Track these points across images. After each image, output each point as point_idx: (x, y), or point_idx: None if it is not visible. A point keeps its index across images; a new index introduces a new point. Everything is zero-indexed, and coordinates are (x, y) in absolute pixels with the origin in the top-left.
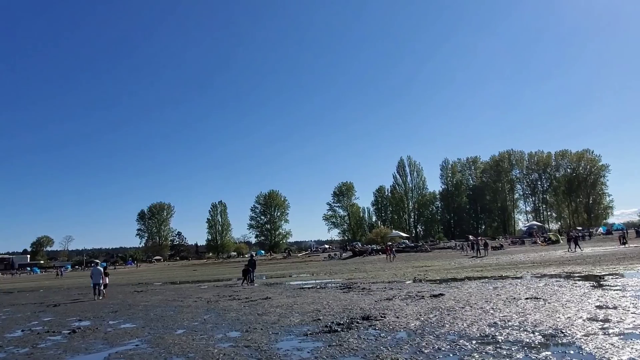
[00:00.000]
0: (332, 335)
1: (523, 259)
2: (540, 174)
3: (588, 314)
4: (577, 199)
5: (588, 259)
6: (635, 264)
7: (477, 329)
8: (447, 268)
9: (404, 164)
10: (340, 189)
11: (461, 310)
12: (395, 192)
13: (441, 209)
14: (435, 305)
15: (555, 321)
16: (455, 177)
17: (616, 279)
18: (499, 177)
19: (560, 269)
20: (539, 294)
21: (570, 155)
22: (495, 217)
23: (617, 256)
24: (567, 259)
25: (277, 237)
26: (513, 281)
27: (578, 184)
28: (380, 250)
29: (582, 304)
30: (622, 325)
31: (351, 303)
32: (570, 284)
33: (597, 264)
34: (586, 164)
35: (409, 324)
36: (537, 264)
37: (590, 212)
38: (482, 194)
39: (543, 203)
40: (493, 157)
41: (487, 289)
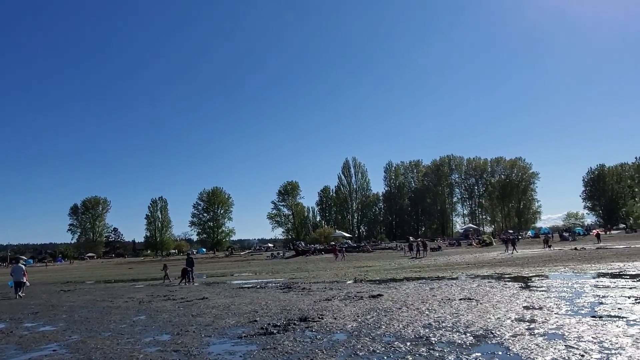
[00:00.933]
0: (268, 337)
1: (459, 260)
2: (477, 179)
3: (516, 315)
4: (510, 203)
5: (517, 261)
6: (558, 266)
7: (412, 330)
8: (387, 269)
9: (349, 165)
10: (286, 188)
11: (398, 311)
12: (340, 193)
13: (384, 210)
14: (374, 306)
15: (486, 322)
16: (398, 179)
17: (542, 280)
18: (440, 181)
19: (492, 270)
20: (472, 295)
21: (504, 162)
22: (434, 219)
23: (543, 258)
24: (499, 260)
25: (220, 235)
26: (449, 282)
27: (511, 190)
28: (324, 249)
29: (511, 304)
30: (547, 326)
31: (290, 303)
32: (501, 285)
33: (525, 266)
34: (518, 171)
35: (346, 325)
36: (471, 265)
37: (521, 216)
38: (423, 197)
39: (479, 207)
40: (434, 161)
41: (424, 290)
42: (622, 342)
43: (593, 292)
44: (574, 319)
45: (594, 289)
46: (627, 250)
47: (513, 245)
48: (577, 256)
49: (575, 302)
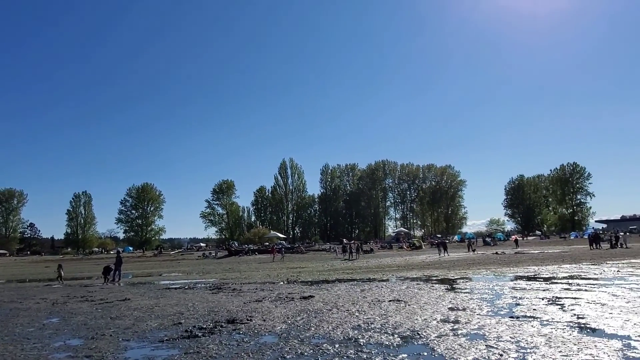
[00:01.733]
0: (192, 341)
1: (390, 262)
2: (410, 185)
3: (442, 316)
4: (439, 209)
5: (444, 264)
6: (481, 269)
7: (342, 332)
8: (320, 270)
9: (286, 166)
10: (221, 186)
11: (328, 313)
12: (276, 193)
13: (319, 212)
14: (304, 307)
15: (413, 323)
16: (334, 182)
17: (466, 283)
18: (374, 185)
19: (421, 272)
20: (401, 297)
21: (435, 169)
22: (368, 222)
23: (468, 262)
24: (428, 263)
25: (149, 233)
26: (379, 284)
27: (440, 196)
28: (257, 250)
29: (437, 306)
30: (469, 326)
31: (218, 305)
32: (429, 286)
33: (451, 269)
34: (448, 178)
35: (275, 327)
36: (401, 267)
37: (449, 221)
38: (357, 200)
39: (410, 211)
40: (369, 165)
41: (355, 292)
42: (537, 342)
43: (511, 293)
44: (494, 319)
45: (512, 290)
46: (541, 255)
47: (445, 248)
48: (498, 260)
49: (496, 303)
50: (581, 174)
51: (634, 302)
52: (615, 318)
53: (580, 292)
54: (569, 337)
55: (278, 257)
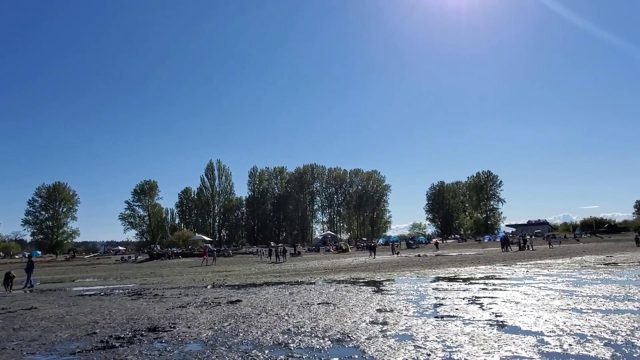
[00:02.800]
0: (108, 352)
1: (317, 265)
2: (337, 189)
3: (370, 318)
4: (365, 212)
5: (370, 266)
6: (405, 271)
7: (271, 336)
8: (247, 273)
9: (213, 168)
10: (143, 187)
11: (257, 317)
12: (202, 195)
13: (247, 214)
14: (232, 312)
15: (343, 325)
16: (262, 185)
17: (392, 285)
18: (302, 189)
19: (348, 275)
20: (330, 299)
21: (362, 174)
22: (296, 225)
23: (392, 264)
24: (354, 265)
25: (60, 236)
26: (308, 287)
27: (366, 200)
28: (181, 253)
29: (366, 307)
30: (397, 327)
31: (138, 312)
32: (356, 289)
33: (377, 271)
34: (374, 183)
35: (201, 334)
36: (329, 270)
37: (374, 225)
38: (285, 203)
39: (337, 215)
40: (298, 169)
41: (284, 295)
42: (461, 340)
43: (435, 294)
44: (421, 320)
45: (435, 291)
46: (460, 257)
47: (373, 251)
48: (421, 262)
49: (421, 304)
50: (494, 181)
51: (543, 299)
52: (528, 315)
53: (496, 291)
54: (489, 335)
55: (209, 260)
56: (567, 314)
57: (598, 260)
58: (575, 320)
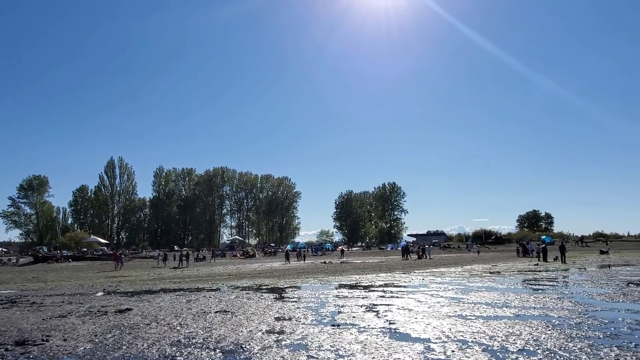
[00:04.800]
0: None
1: (222, 270)
2: (247, 193)
3: (267, 327)
4: (274, 218)
5: (276, 272)
6: (309, 278)
7: (158, 349)
8: (144, 279)
9: (114, 165)
10: (30, 182)
11: (146, 328)
12: (100, 194)
13: (150, 216)
14: (118, 322)
15: (238, 335)
16: (169, 186)
17: (294, 292)
18: (211, 192)
19: (252, 281)
20: (228, 307)
21: (273, 180)
22: (202, 229)
23: (298, 270)
24: (260, 272)
25: None
26: (208, 294)
27: (276, 206)
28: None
29: (264, 316)
30: (293, 337)
31: (8, 323)
32: (258, 296)
33: (282, 277)
34: (284, 189)
35: (78, 347)
36: (233, 276)
37: (283, 230)
38: (193, 206)
39: (246, 220)
40: (207, 171)
41: (180, 302)
42: (354, 349)
43: (335, 301)
44: (317, 328)
45: (335, 299)
46: (363, 264)
47: (287, 258)
48: (325, 269)
49: (320, 312)
50: (398, 192)
51: (433, 307)
52: (419, 322)
53: (392, 299)
54: (381, 343)
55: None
56: (454, 321)
57: (485, 269)
58: (460, 327)
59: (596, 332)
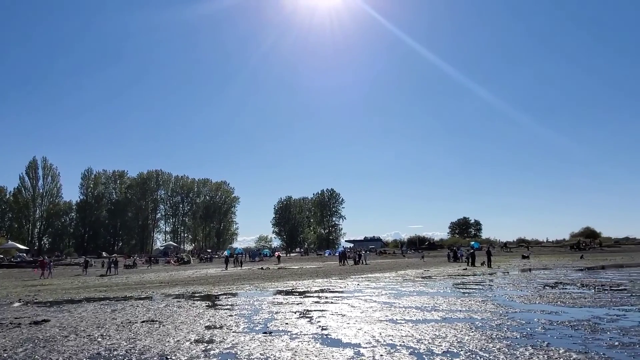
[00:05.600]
0: None
1: (153, 278)
2: (183, 198)
3: (197, 336)
4: (211, 224)
5: (210, 279)
6: (245, 284)
7: None
8: (67, 287)
9: (36, 166)
10: None
11: (63, 340)
12: (20, 197)
13: (76, 221)
14: (32, 335)
15: (164, 346)
16: (98, 188)
17: (228, 299)
18: (144, 195)
19: (185, 288)
20: (156, 316)
21: (210, 184)
22: (134, 234)
23: (234, 277)
24: (193, 278)
25: None
26: (136, 302)
27: (214, 211)
28: None
29: (195, 325)
30: (223, 345)
31: None
32: (189, 304)
33: (217, 284)
34: (222, 194)
35: None
36: (165, 283)
37: (220, 236)
38: (124, 210)
39: (182, 225)
40: (141, 174)
41: (105, 312)
42: (284, 356)
43: (269, 308)
44: (249, 336)
45: (270, 305)
46: (301, 270)
47: (226, 263)
48: (262, 275)
49: (253, 319)
50: (337, 199)
51: (366, 312)
52: (351, 327)
53: (327, 304)
54: (312, 350)
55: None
56: (384, 325)
57: (417, 274)
58: (390, 331)
59: (514, 333)
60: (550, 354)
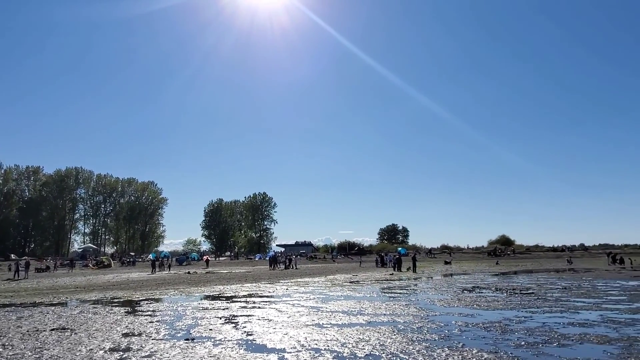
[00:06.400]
0: None
1: (69, 282)
2: (106, 197)
3: (112, 344)
4: (136, 225)
5: (132, 284)
6: (170, 289)
7: None
8: None
9: None
10: None
11: None
12: None
13: None
14: None
15: (74, 355)
16: (8, 185)
17: (150, 304)
18: (61, 194)
19: (103, 294)
20: (69, 324)
21: (136, 184)
22: (49, 235)
23: (158, 281)
24: (114, 283)
25: None
26: (46, 309)
27: (139, 212)
28: None
29: (111, 332)
30: (140, 354)
31: None
32: (107, 310)
33: (138, 289)
34: (149, 195)
35: None
36: (81, 288)
37: (145, 239)
38: (38, 209)
39: (103, 226)
40: (58, 171)
41: (9, 320)
42: None
43: (193, 314)
44: (169, 343)
45: (194, 311)
46: (229, 274)
47: (153, 267)
48: (189, 280)
49: (175, 325)
50: (269, 202)
51: (293, 316)
52: (277, 332)
53: (254, 309)
54: (235, 356)
55: None
56: (310, 330)
57: (346, 278)
58: (315, 335)
59: (433, 335)
60: (464, 354)
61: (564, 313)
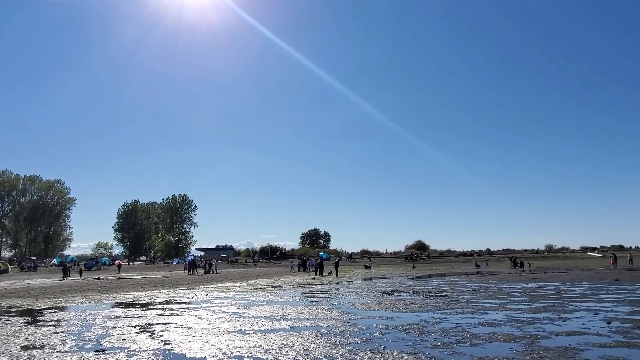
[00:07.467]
0: None
1: None
2: (4, 196)
3: (9, 358)
4: (39, 227)
5: (33, 292)
6: (77, 297)
7: None
8: None
9: None
10: None
11: None
12: None
13: None
14: None
15: None
16: None
17: (54, 313)
18: None
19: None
20: None
21: (40, 182)
22: None
23: (63, 288)
24: (11, 290)
25: None
26: None
27: (43, 213)
28: None
29: (8, 345)
30: None
31: None
32: (3, 320)
33: (40, 297)
34: (55, 194)
35: None
36: None
37: (49, 242)
38: None
39: (1, 228)
40: None
41: None
42: None
43: (104, 323)
44: (77, 355)
45: (105, 320)
46: (144, 280)
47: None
48: (99, 286)
49: (84, 336)
50: (189, 205)
51: (214, 323)
52: (197, 340)
53: (172, 316)
54: None
55: None
56: (232, 337)
57: (268, 283)
58: (237, 342)
59: (355, 338)
60: (386, 356)
61: (474, 314)
